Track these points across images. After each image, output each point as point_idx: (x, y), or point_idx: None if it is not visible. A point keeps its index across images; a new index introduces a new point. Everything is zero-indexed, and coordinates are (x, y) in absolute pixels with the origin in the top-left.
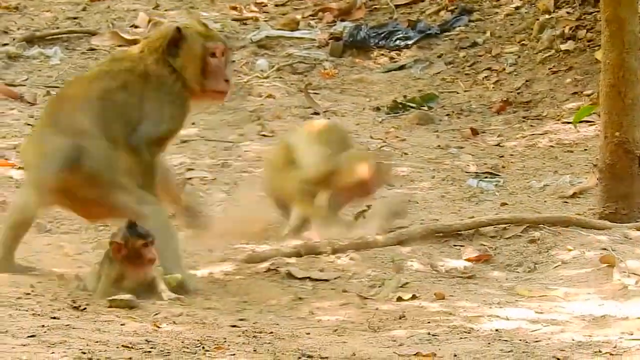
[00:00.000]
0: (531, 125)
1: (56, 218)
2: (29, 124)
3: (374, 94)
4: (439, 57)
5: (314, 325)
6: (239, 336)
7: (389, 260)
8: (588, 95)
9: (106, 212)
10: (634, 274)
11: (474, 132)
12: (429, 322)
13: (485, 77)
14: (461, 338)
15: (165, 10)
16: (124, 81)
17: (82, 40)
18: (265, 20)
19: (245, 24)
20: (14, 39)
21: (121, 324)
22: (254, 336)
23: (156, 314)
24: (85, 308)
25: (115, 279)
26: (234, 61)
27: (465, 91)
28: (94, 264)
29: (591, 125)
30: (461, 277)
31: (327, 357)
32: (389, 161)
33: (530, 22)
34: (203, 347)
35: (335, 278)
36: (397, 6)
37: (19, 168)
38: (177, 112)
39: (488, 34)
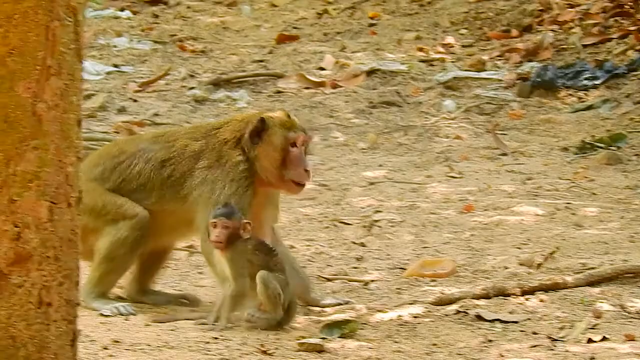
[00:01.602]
0: None
1: None
2: None
3: (562, 134)
4: (627, 96)
5: None
6: None
7: (578, 302)
8: None
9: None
10: None
11: None
12: None
13: None
14: None
15: (352, 52)
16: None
17: (268, 83)
18: (452, 62)
19: (432, 64)
20: (200, 82)
21: None
22: None
23: (345, 358)
24: (273, 352)
25: None
26: (420, 102)
27: None
28: None
29: None
30: None
31: None
32: None
33: None
34: None
35: (524, 320)
36: (584, 46)
37: None
38: (239, 199)
39: None
